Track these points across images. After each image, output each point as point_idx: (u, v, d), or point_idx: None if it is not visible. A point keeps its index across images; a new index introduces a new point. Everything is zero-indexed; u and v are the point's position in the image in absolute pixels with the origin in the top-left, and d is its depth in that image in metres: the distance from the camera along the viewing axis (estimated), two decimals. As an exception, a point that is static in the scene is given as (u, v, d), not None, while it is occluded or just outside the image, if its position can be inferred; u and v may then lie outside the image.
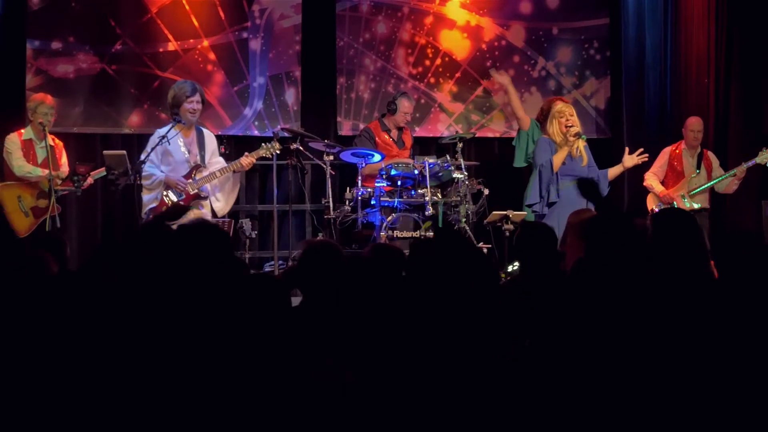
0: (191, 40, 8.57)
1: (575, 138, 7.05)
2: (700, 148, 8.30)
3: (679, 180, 8.21)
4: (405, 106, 8.19)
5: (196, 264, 2.99)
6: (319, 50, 8.88)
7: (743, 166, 8.04)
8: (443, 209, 7.58)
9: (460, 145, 7.88)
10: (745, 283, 3.18)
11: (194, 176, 7.03)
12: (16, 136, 7.29)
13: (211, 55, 8.63)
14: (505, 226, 7.56)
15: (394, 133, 8.26)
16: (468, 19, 9.16)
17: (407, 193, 7.69)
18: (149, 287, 2.93)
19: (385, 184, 7.67)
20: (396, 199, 7.60)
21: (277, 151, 7.39)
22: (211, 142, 7.26)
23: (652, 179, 8.27)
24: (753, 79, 9.11)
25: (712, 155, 8.36)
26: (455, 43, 9.14)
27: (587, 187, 5.56)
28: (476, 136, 8.70)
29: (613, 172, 7.57)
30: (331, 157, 7.78)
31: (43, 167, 7.17)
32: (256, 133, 8.70)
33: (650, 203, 8.29)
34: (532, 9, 9.26)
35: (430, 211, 7.47)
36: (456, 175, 7.62)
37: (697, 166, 8.23)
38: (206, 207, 7.10)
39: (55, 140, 7.41)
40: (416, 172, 7.65)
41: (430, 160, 7.66)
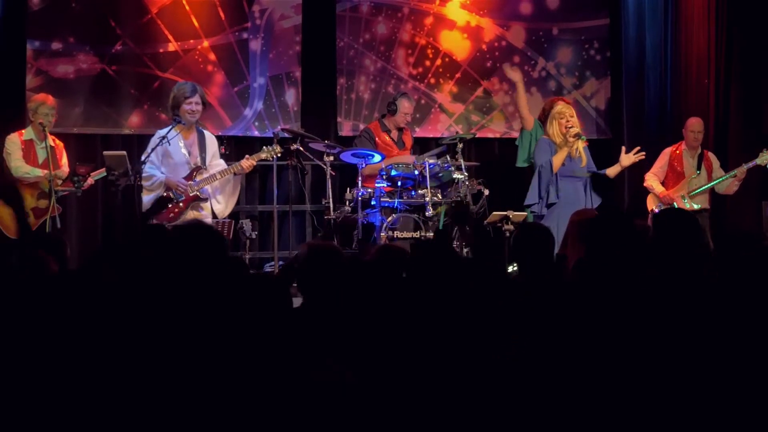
0: (191, 41, 8.57)
1: (575, 139, 7.05)
2: (700, 149, 8.30)
3: (680, 181, 8.21)
4: (405, 106, 8.19)
5: (190, 264, 2.99)
6: (320, 51, 8.88)
7: (743, 167, 8.03)
8: (444, 212, 7.58)
9: (460, 146, 7.88)
10: (746, 283, 3.18)
11: (194, 178, 7.03)
12: (16, 137, 7.28)
13: (212, 56, 8.63)
14: (506, 227, 7.56)
15: (395, 134, 8.26)
16: (468, 20, 9.16)
17: (407, 194, 7.69)
18: (148, 287, 2.94)
19: (386, 185, 7.67)
20: (396, 200, 7.60)
21: (278, 154, 7.40)
22: (212, 144, 7.26)
23: (652, 180, 8.26)
24: (753, 80, 9.12)
25: (712, 156, 8.35)
26: (455, 44, 9.14)
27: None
28: (476, 136, 8.70)
29: (611, 173, 7.57)
30: (332, 158, 7.78)
31: (43, 168, 7.17)
32: (257, 133, 8.71)
33: (650, 204, 8.29)
34: (533, 9, 9.26)
35: (431, 212, 7.47)
36: (456, 175, 7.62)
37: (698, 167, 8.23)
38: (206, 209, 7.09)
39: (56, 141, 7.41)
40: (416, 172, 7.65)
41: (431, 161, 7.67)
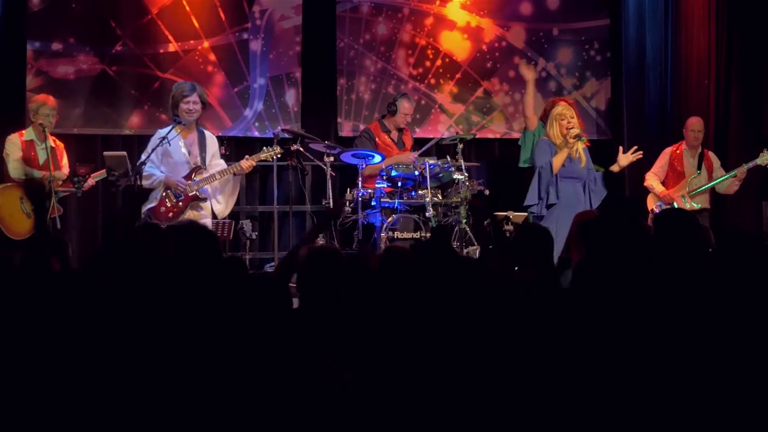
0: (192, 41, 8.57)
1: (575, 140, 7.04)
2: (701, 149, 8.29)
3: (680, 180, 8.21)
4: (405, 107, 8.19)
5: (183, 264, 2.98)
6: (320, 51, 8.88)
7: (744, 167, 8.03)
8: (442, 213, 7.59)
9: (461, 146, 7.88)
10: (746, 283, 3.18)
11: (194, 178, 7.01)
12: (16, 137, 7.26)
13: (212, 56, 8.63)
14: (506, 228, 7.56)
15: (395, 134, 8.25)
16: (468, 20, 9.16)
17: (407, 194, 7.69)
18: (145, 286, 2.93)
19: (386, 185, 7.67)
20: (396, 200, 7.60)
21: (278, 155, 7.39)
22: (213, 144, 7.23)
23: (652, 179, 8.26)
24: (753, 80, 9.12)
25: (713, 156, 8.35)
26: (455, 44, 9.14)
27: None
28: (477, 137, 8.70)
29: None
30: (332, 158, 7.78)
31: (44, 168, 7.16)
32: (257, 134, 8.71)
33: (650, 203, 8.29)
34: (533, 10, 9.27)
35: (431, 212, 7.47)
36: (456, 176, 7.62)
37: (698, 167, 8.22)
38: (205, 209, 7.06)
39: (56, 142, 7.40)
40: (417, 173, 7.65)
41: (431, 161, 7.67)
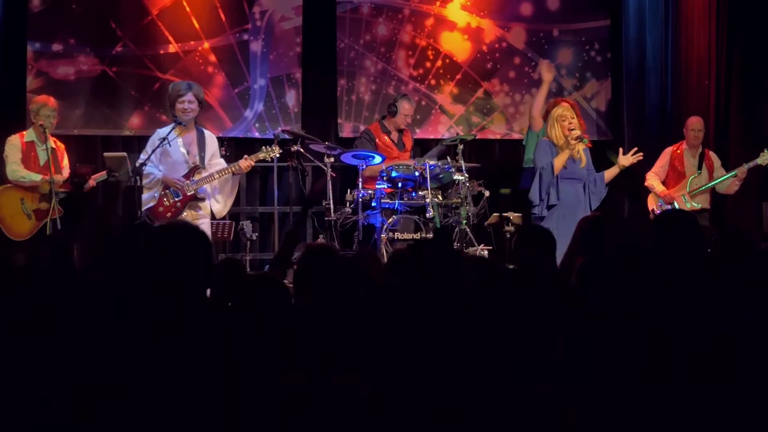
0: (192, 42, 8.58)
1: (576, 141, 7.03)
2: (701, 148, 8.29)
3: (681, 180, 8.21)
4: (405, 108, 8.19)
5: (174, 263, 2.97)
6: (320, 52, 8.89)
7: (744, 167, 8.03)
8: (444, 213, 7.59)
9: (461, 147, 7.88)
10: (744, 284, 3.18)
11: (192, 177, 6.94)
12: (17, 139, 7.24)
13: (212, 57, 8.63)
14: (506, 228, 7.56)
15: (395, 135, 8.25)
16: (468, 21, 9.17)
17: (408, 195, 7.69)
18: (139, 286, 2.93)
19: (386, 186, 7.67)
20: (397, 201, 7.60)
21: (277, 155, 7.32)
22: (212, 144, 7.15)
23: (653, 179, 8.26)
24: (754, 80, 9.12)
25: (713, 155, 8.35)
26: (456, 45, 9.14)
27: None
28: (477, 137, 8.69)
29: (610, 174, 7.53)
30: (332, 159, 7.78)
31: (44, 169, 7.15)
32: (257, 135, 8.71)
33: (651, 203, 8.29)
34: (533, 11, 9.27)
35: (431, 213, 7.47)
36: (457, 177, 7.62)
37: (699, 167, 8.23)
38: (204, 209, 6.96)
39: (57, 143, 7.39)
40: (417, 174, 7.65)
41: (431, 162, 7.67)
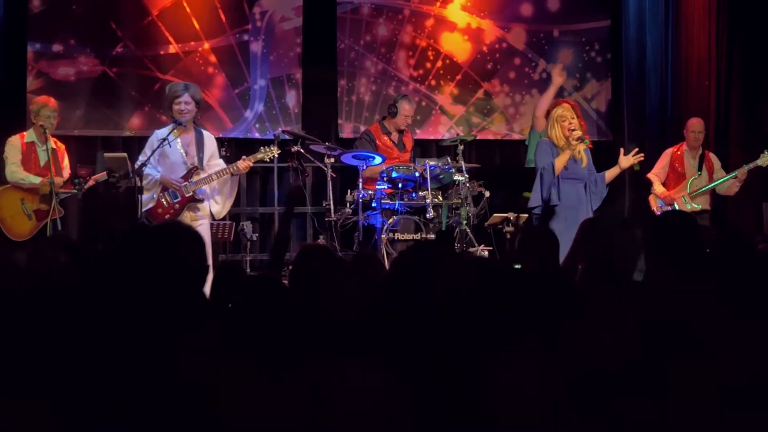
0: (192, 43, 8.58)
1: (578, 142, 7.03)
2: (701, 150, 8.29)
3: (681, 181, 8.21)
4: (405, 108, 8.19)
5: (167, 264, 2.97)
6: (320, 53, 8.89)
7: (744, 168, 8.03)
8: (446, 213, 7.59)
9: (461, 148, 7.88)
10: (741, 285, 3.18)
11: (191, 179, 6.89)
12: (17, 140, 7.23)
13: (212, 58, 8.63)
14: (506, 229, 7.57)
15: (395, 136, 8.26)
16: (469, 22, 9.17)
17: (408, 196, 7.69)
18: (134, 286, 2.93)
19: (386, 187, 7.68)
20: (397, 202, 7.61)
21: (275, 155, 7.26)
22: (211, 144, 7.08)
23: (653, 180, 8.27)
24: (754, 81, 9.12)
25: (713, 156, 8.35)
26: (456, 46, 9.15)
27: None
28: (477, 138, 8.70)
29: (610, 174, 7.52)
30: (332, 160, 7.78)
31: (45, 170, 7.14)
32: (257, 135, 8.71)
33: (652, 204, 8.30)
34: (533, 11, 9.27)
35: (431, 214, 7.48)
36: (457, 177, 7.63)
37: (699, 168, 8.23)
38: (203, 210, 6.90)
39: (57, 143, 7.38)
40: (417, 174, 7.66)
41: (431, 163, 7.67)
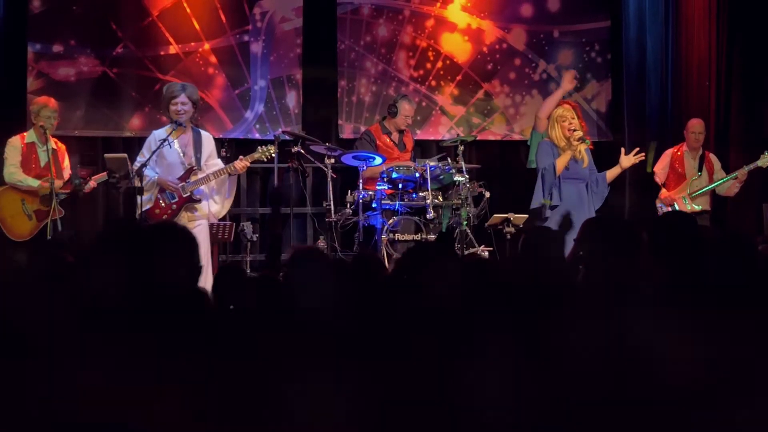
0: (192, 43, 8.58)
1: (579, 142, 7.02)
2: (701, 150, 8.30)
3: (681, 182, 8.22)
4: (406, 109, 8.19)
5: (160, 263, 2.96)
6: (320, 53, 8.89)
7: (744, 169, 8.03)
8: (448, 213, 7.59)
9: (461, 148, 7.88)
10: (740, 285, 3.18)
11: (188, 179, 6.86)
12: (17, 140, 7.22)
13: (212, 58, 8.64)
14: (506, 229, 7.56)
15: (395, 136, 8.25)
16: (469, 22, 9.17)
17: (408, 196, 7.69)
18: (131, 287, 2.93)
19: (386, 187, 7.68)
20: (397, 202, 7.60)
21: (273, 155, 7.22)
22: (209, 145, 7.04)
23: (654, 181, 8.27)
24: (754, 82, 9.12)
25: (713, 157, 8.35)
26: (456, 46, 9.15)
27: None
28: (477, 138, 8.70)
29: (611, 174, 7.52)
30: (332, 160, 7.78)
31: (45, 170, 7.13)
32: (258, 136, 8.71)
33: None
34: (533, 12, 9.27)
35: (432, 215, 7.48)
36: (457, 178, 7.62)
37: (699, 168, 8.23)
38: (201, 210, 6.88)
39: (58, 144, 7.37)
40: (417, 175, 7.66)
41: (431, 163, 7.66)
